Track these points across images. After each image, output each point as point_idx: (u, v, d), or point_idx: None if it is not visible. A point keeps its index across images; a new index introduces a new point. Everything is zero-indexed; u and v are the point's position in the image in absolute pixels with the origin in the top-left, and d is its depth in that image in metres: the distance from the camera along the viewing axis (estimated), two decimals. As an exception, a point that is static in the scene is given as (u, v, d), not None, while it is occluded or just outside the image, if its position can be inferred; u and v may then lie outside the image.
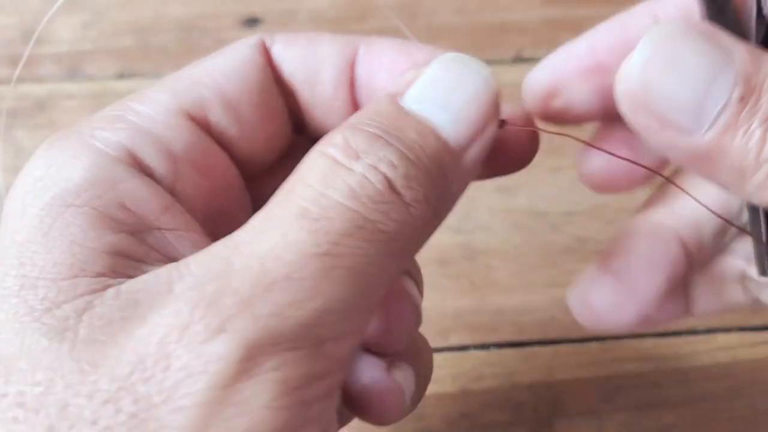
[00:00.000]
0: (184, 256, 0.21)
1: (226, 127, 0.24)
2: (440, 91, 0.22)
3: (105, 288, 0.19)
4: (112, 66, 0.48)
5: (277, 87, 0.25)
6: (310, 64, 0.25)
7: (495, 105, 0.23)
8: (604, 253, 0.27)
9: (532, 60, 0.51)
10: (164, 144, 0.23)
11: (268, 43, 0.25)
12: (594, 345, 0.38)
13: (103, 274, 0.20)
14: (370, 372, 0.25)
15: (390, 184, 0.20)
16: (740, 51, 0.20)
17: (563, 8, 0.49)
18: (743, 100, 0.20)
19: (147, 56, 0.48)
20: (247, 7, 0.50)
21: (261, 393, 0.18)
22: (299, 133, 0.26)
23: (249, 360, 0.18)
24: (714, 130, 0.20)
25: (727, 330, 0.39)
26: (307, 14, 0.50)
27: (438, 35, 0.49)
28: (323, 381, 0.19)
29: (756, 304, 0.27)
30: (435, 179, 0.21)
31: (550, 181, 0.43)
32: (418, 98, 0.22)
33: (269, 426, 0.18)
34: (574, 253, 0.41)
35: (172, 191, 0.23)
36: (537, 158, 0.44)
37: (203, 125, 0.24)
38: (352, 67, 0.25)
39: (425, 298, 0.39)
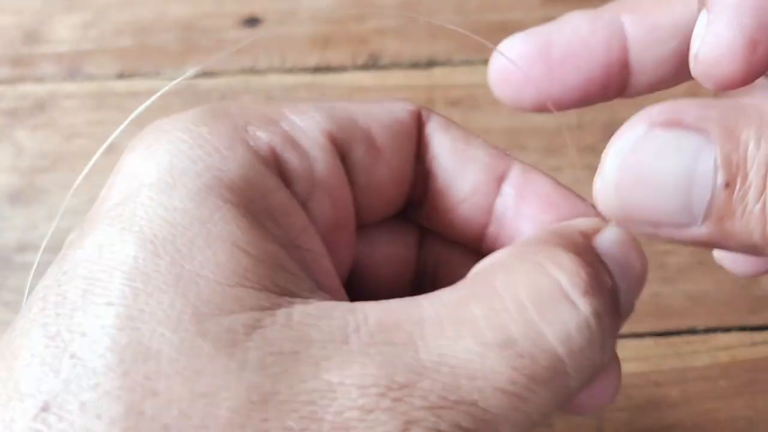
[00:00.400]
0: (319, 281, 0.20)
1: (361, 169, 0.23)
2: (623, 256, 0.21)
3: (274, 307, 0.18)
4: (112, 66, 0.48)
5: (415, 160, 0.24)
6: (459, 158, 0.24)
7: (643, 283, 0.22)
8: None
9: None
10: (309, 160, 0.21)
11: (424, 116, 0.24)
12: (594, 345, 0.38)
13: (268, 289, 0.18)
14: None
15: (604, 339, 0.19)
16: (714, 127, 0.18)
17: (563, 8, 0.49)
18: (729, 185, 0.18)
19: (147, 56, 0.48)
20: (247, 7, 0.50)
21: None
22: (406, 215, 0.26)
23: None
24: (709, 222, 0.19)
25: (727, 329, 0.39)
26: (307, 14, 0.50)
27: (438, 35, 0.49)
28: None
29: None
30: (615, 337, 0.20)
31: (550, 180, 0.43)
32: (605, 251, 0.21)
33: None
34: (574, 252, 0.41)
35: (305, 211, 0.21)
36: (537, 158, 0.44)
37: (343, 158, 0.23)
38: (499, 181, 0.24)
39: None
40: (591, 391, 0.22)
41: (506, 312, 0.18)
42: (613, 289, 0.20)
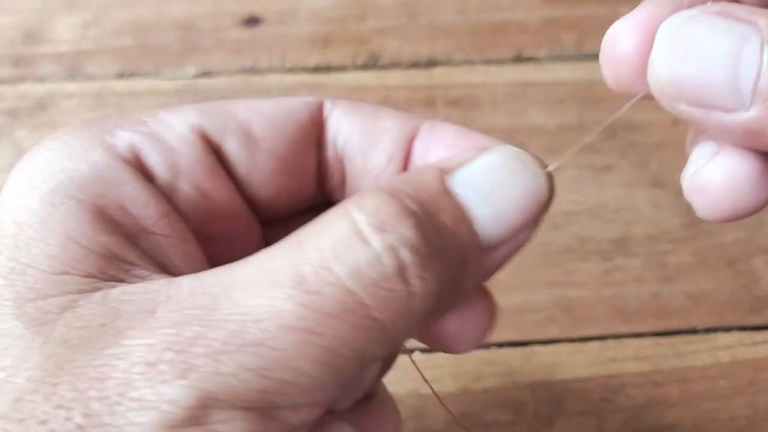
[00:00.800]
0: (175, 264, 0.22)
1: (238, 162, 0.24)
2: (490, 184, 0.21)
3: (94, 290, 0.20)
4: (113, 66, 0.48)
5: (315, 148, 0.25)
6: (368, 133, 0.25)
7: (540, 214, 0.22)
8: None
9: (532, 60, 0.51)
10: (172, 154, 0.23)
11: (328, 107, 0.25)
12: (594, 344, 0.38)
13: (93, 275, 0.20)
14: None
15: (402, 272, 0.19)
16: (762, 17, 0.19)
17: (563, 8, 0.49)
18: None
19: (147, 56, 0.48)
20: (247, 6, 0.50)
21: None
22: (332, 199, 0.26)
23: (200, 409, 0.18)
24: (756, 104, 0.19)
25: (727, 329, 0.39)
26: (307, 14, 0.50)
27: (439, 35, 0.49)
28: None
29: None
30: (453, 274, 0.20)
31: (550, 180, 0.43)
32: (466, 183, 0.21)
33: None
34: (574, 252, 0.41)
35: (169, 201, 0.23)
36: (537, 158, 0.44)
37: (216, 151, 0.24)
38: (410, 143, 0.25)
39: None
40: (456, 325, 0.23)
41: (303, 257, 0.19)
42: (441, 223, 0.20)
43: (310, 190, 0.26)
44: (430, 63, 0.48)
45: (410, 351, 0.27)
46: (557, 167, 0.23)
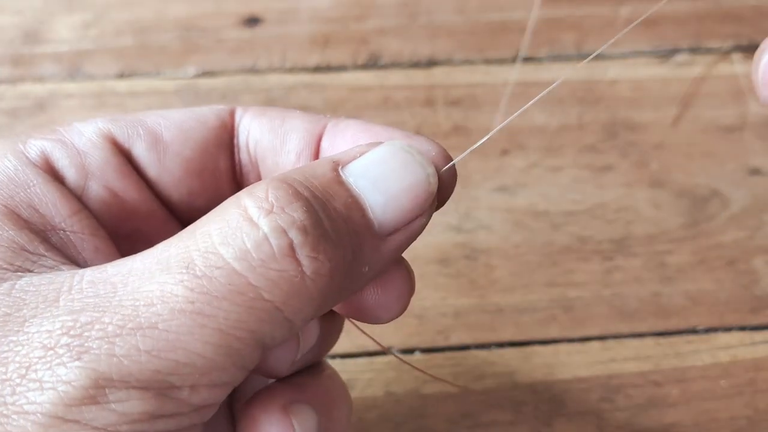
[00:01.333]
0: (85, 259, 0.23)
1: (147, 163, 0.26)
2: (381, 173, 0.22)
3: (1, 280, 0.21)
4: (113, 66, 0.48)
5: (227, 151, 0.27)
6: (277, 133, 0.26)
7: (430, 202, 0.23)
8: None
9: (532, 60, 0.51)
10: (81, 156, 0.25)
11: (239, 113, 0.27)
12: (594, 344, 0.38)
13: (0, 267, 0.21)
14: (265, 410, 0.24)
15: (291, 251, 0.20)
16: None
17: (563, 8, 0.49)
18: None
19: (147, 56, 0.48)
20: (247, 6, 0.50)
21: (98, 417, 0.19)
22: None
23: (95, 389, 0.19)
24: None
25: (727, 329, 0.39)
26: (307, 14, 0.50)
27: (439, 34, 0.49)
28: (171, 420, 0.20)
29: None
30: (347, 256, 0.21)
31: (550, 180, 0.43)
32: (357, 173, 0.22)
33: None
34: (574, 252, 0.41)
35: (80, 200, 0.24)
36: (537, 157, 0.44)
37: (125, 154, 0.26)
38: (318, 141, 0.26)
39: (426, 297, 0.39)
40: (376, 297, 0.24)
41: (194, 244, 0.20)
42: (333, 207, 0.21)
43: (227, 191, 0.27)
44: (430, 63, 0.48)
45: (388, 348, 0.27)
46: (450, 166, 0.24)
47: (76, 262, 0.23)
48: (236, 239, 0.20)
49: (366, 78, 0.47)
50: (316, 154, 0.26)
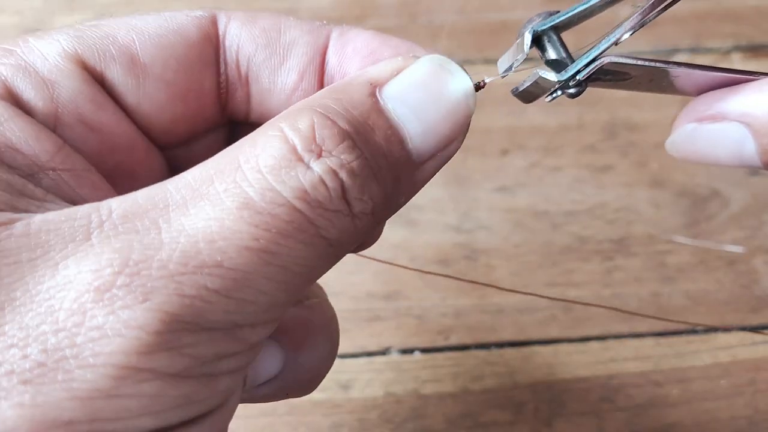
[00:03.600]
0: (83, 197, 0.21)
1: (124, 90, 0.23)
2: (420, 98, 0.21)
3: (11, 222, 0.18)
4: (113, 66, 0.48)
5: (212, 68, 0.24)
6: (273, 48, 0.24)
7: (467, 124, 0.22)
8: None
9: (532, 59, 0.51)
10: (48, 87, 0.22)
11: (222, 21, 0.24)
12: (594, 344, 0.38)
13: (3, 210, 0.19)
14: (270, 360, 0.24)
15: (344, 194, 0.20)
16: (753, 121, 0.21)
17: (563, 8, 0.49)
18: None
19: (147, 56, 0.48)
20: (246, 7, 0.50)
21: (173, 363, 0.18)
22: (237, 118, 0.25)
23: (167, 333, 0.17)
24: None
25: (727, 329, 0.39)
26: (307, 14, 0.50)
27: (438, 35, 0.49)
28: (233, 359, 0.19)
29: None
30: (387, 192, 0.21)
31: (550, 180, 0.43)
32: (396, 97, 0.21)
33: (177, 392, 0.18)
34: (574, 252, 0.41)
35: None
36: (537, 157, 0.44)
37: (98, 80, 0.23)
38: (323, 55, 0.24)
39: (426, 297, 0.39)
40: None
41: (245, 182, 0.19)
42: (375, 143, 0.20)
43: (210, 112, 0.24)
44: (430, 63, 0.48)
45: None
46: (482, 83, 0.23)
47: (76, 202, 0.20)
48: (292, 178, 0.19)
49: (366, 78, 0.47)
50: (321, 73, 0.24)
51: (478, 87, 0.22)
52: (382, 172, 0.20)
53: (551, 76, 0.22)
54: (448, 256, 0.40)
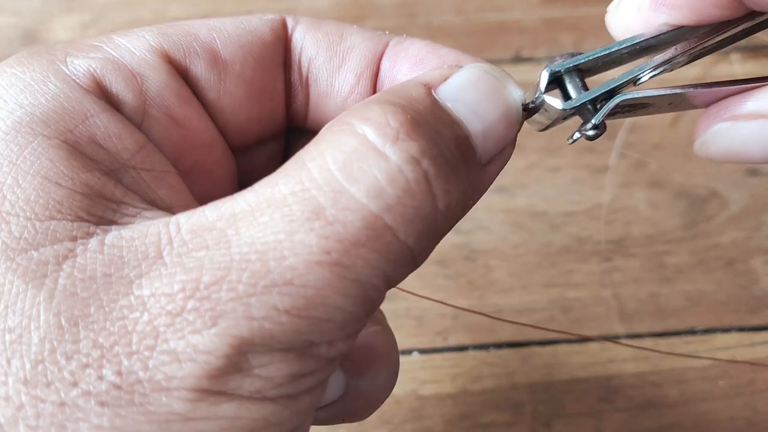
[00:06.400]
0: (161, 198, 0.20)
1: (207, 85, 0.23)
2: (475, 98, 0.20)
3: (87, 236, 0.18)
4: (112, 66, 0.48)
5: (283, 70, 0.24)
6: (335, 51, 0.23)
7: (519, 128, 0.21)
8: None
9: (532, 60, 0.51)
10: (137, 80, 0.21)
11: (290, 25, 0.24)
12: (593, 345, 0.38)
13: (82, 219, 0.18)
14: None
15: (428, 184, 0.18)
16: None
17: (563, 8, 0.49)
18: None
19: (146, 56, 0.48)
20: (246, 7, 0.50)
21: (248, 385, 0.17)
22: (296, 123, 0.25)
23: (239, 356, 0.17)
24: None
25: (726, 330, 0.39)
26: (307, 14, 0.50)
27: (438, 35, 0.49)
28: (311, 378, 0.18)
29: None
30: (467, 188, 0.19)
31: (549, 181, 0.43)
32: (452, 96, 0.20)
33: (254, 414, 0.17)
34: (573, 253, 0.41)
35: (140, 130, 0.21)
36: (536, 158, 0.44)
37: (183, 75, 0.22)
38: (378, 61, 0.23)
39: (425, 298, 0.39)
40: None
41: (312, 182, 0.18)
42: (445, 135, 0.19)
43: (280, 114, 0.24)
44: (429, 63, 0.48)
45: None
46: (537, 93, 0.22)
47: (155, 203, 0.20)
48: (365, 173, 0.17)
49: (365, 78, 0.47)
50: (376, 76, 0.23)
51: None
52: (458, 165, 0.19)
53: (556, 103, 0.22)
54: (446, 257, 0.40)
